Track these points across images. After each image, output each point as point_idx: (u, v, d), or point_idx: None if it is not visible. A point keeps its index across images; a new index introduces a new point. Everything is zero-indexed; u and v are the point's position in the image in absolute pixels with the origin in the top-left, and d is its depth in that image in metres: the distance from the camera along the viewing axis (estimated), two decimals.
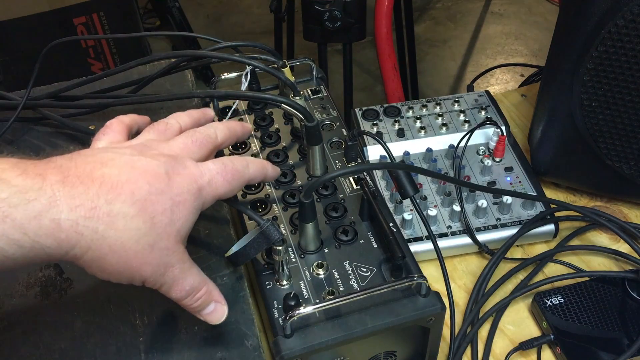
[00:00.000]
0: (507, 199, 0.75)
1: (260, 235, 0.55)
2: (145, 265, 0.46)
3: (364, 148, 0.82)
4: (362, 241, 0.61)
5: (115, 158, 0.47)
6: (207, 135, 0.55)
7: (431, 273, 0.72)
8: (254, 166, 0.56)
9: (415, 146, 0.83)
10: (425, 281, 0.55)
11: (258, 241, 0.56)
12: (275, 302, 0.56)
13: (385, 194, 0.78)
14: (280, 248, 0.55)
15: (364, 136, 0.82)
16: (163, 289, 0.49)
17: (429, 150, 0.82)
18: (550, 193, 0.82)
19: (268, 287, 0.58)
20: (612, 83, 0.67)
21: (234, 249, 0.57)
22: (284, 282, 0.58)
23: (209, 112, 0.63)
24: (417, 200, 0.75)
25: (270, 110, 0.76)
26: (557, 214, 0.76)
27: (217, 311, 0.52)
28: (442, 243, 0.73)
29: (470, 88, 1.00)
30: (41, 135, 0.76)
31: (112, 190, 0.44)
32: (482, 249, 0.74)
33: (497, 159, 0.81)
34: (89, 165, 0.45)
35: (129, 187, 0.45)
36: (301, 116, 0.62)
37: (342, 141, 0.71)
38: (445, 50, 2.58)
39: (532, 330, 0.69)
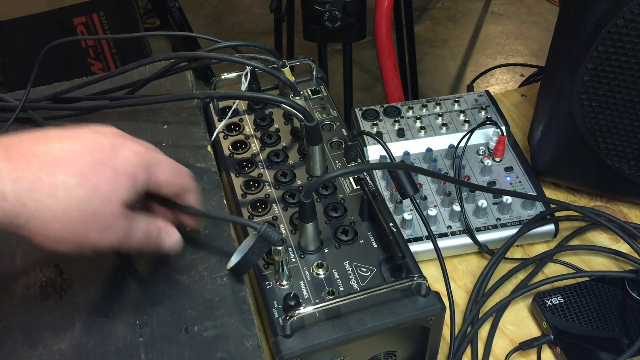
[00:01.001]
0: (507, 199, 0.75)
1: (260, 239, 0.55)
2: (90, 231, 0.48)
3: (364, 148, 0.82)
4: (362, 241, 0.61)
5: (65, 134, 0.50)
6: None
7: (431, 273, 0.72)
8: (194, 185, 0.58)
9: (415, 146, 0.83)
10: (425, 281, 0.55)
11: (258, 246, 0.56)
12: (275, 302, 0.56)
13: (385, 194, 0.78)
14: (280, 248, 0.55)
15: (364, 136, 0.82)
16: (117, 246, 0.51)
17: (429, 150, 0.82)
18: (550, 193, 0.82)
19: (268, 287, 0.58)
20: (612, 83, 0.67)
21: (234, 259, 0.57)
22: (284, 282, 0.58)
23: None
24: (417, 200, 0.75)
25: (270, 110, 0.76)
26: (557, 214, 0.76)
27: (171, 239, 0.56)
28: (442, 243, 0.73)
29: (470, 88, 1.00)
30: None
31: (53, 163, 0.47)
32: (482, 249, 0.74)
33: (497, 159, 0.81)
34: (32, 142, 0.48)
35: (72, 159, 0.48)
36: (301, 116, 0.62)
37: (342, 141, 0.71)
38: (445, 50, 2.58)
39: (532, 330, 0.69)
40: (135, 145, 0.52)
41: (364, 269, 0.59)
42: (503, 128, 0.82)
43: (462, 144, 0.81)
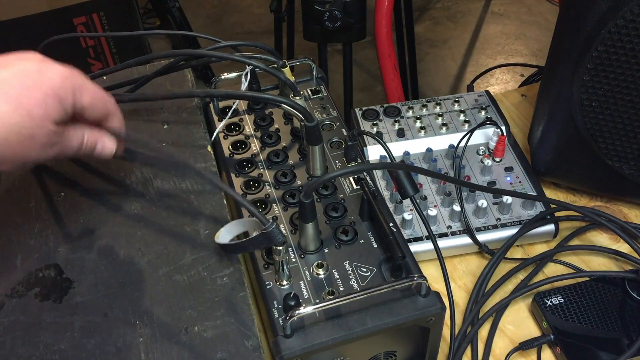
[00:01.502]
0: (507, 199, 0.75)
1: (263, 235, 0.55)
2: (30, 151, 0.52)
3: (364, 148, 0.82)
4: (362, 241, 0.61)
5: None
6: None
7: (431, 273, 0.72)
8: (118, 110, 0.60)
9: (415, 146, 0.83)
10: (425, 281, 0.55)
11: (259, 240, 0.56)
12: (275, 302, 0.56)
13: (385, 194, 0.78)
14: (280, 248, 0.55)
15: (364, 136, 0.82)
16: (58, 157, 0.55)
17: (429, 150, 0.82)
18: (550, 193, 0.82)
19: (268, 287, 0.58)
20: (612, 83, 0.67)
21: (224, 234, 0.57)
22: (284, 282, 0.58)
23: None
24: (417, 200, 0.75)
25: (270, 110, 0.76)
26: (557, 214, 0.76)
27: (104, 148, 0.59)
28: (442, 243, 0.73)
29: (470, 88, 1.00)
30: None
31: None
32: (482, 249, 0.74)
33: (497, 159, 0.81)
34: None
35: (3, 88, 0.50)
36: (301, 116, 0.62)
37: (342, 141, 0.71)
38: (445, 50, 2.58)
39: (532, 330, 0.69)
40: (60, 68, 0.54)
41: (364, 269, 0.59)
42: (503, 128, 0.82)
43: (462, 144, 0.81)
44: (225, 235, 0.58)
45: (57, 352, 0.54)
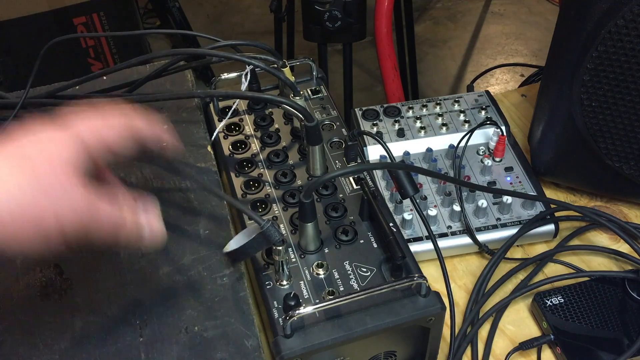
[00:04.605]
0: (507, 199, 0.75)
1: (260, 235, 0.55)
2: (43, 207, 0.39)
3: (364, 148, 0.82)
4: (362, 241, 0.61)
5: None
6: None
7: (431, 273, 0.72)
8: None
9: (415, 146, 0.83)
10: (425, 281, 0.55)
11: (258, 241, 0.56)
12: (275, 302, 0.56)
13: (385, 194, 0.78)
14: (280, 248, 0.55)
15: (364, 136, 0.82)
16: (85, 233, 0.42)
17: (429, 150, 0.82)
18: (550, 193, 0.82)
19: (268, 287, 0.58)
20: (612, 83, 0.67)
21: (232, 245, 0.58)
22: (284, 282, 0.58)
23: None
24: (417, 200, 0.75)
25: (270, 110, 0.76)
26: (557, 214, 0.76)
27: (154, 228, 0.46)
28: (442, 243, 0.73)
29: (470, 88, 1.00)
30: None
31: None
32: (482, 249, 0.74)
33: (497, 159, 0.81)
34: None
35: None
36: (301, 116, 0.62)
37: (342, 141, 0.71)
38: (445, 50, 2.58)
39: (532, 330, 0.69)
40: (54, 129, 0.42)
41: (364, 269, 0.59)
42: (503, 128, 0.82)
43: (462, 144, 0.81)
44: (233, 245, 0.58)
45: (57, 352, 0.54)
